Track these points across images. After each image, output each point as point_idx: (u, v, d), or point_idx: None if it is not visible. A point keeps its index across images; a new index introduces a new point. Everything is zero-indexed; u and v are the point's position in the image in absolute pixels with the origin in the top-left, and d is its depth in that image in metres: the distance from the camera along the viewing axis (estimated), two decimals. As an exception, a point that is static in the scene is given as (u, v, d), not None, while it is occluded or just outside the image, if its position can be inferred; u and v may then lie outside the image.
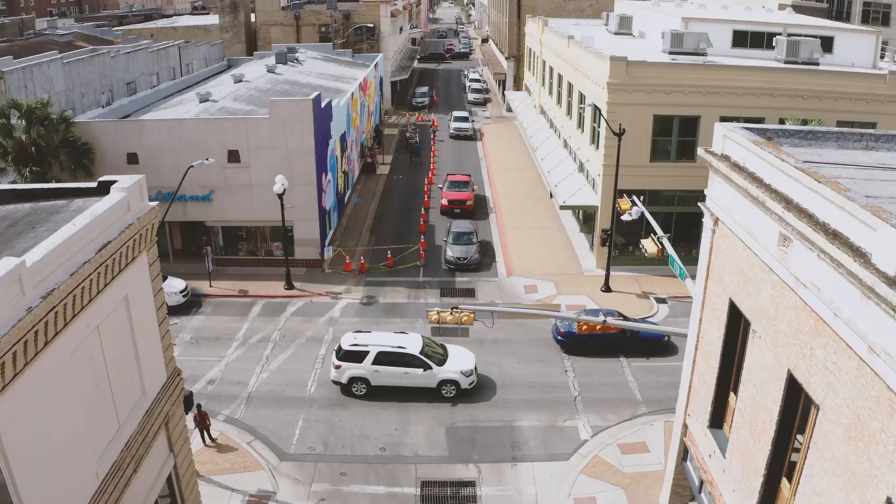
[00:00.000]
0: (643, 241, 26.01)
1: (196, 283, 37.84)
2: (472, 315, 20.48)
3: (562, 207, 38.70)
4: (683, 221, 39.12)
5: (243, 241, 39.93)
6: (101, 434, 15.58)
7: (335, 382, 28.75)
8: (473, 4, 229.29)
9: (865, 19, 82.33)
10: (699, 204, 18.18)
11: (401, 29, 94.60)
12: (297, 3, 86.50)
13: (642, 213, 27.94)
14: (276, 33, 79.43)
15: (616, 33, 55.28)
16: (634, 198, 29.88)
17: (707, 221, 17.67)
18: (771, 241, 14.25)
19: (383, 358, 28.00)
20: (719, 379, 17.54)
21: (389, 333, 29.87)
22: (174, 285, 35.91)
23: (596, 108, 37.45)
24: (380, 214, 48.23)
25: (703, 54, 43.21)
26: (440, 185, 49.20)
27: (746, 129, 16.60)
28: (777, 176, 14.10)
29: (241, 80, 51.12)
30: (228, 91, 47.45)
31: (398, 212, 48.80)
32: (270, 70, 56.14)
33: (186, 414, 22.77)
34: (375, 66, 67.17)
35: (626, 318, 30.96)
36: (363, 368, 28.06)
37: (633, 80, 35.84)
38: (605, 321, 20.50)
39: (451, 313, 20.25)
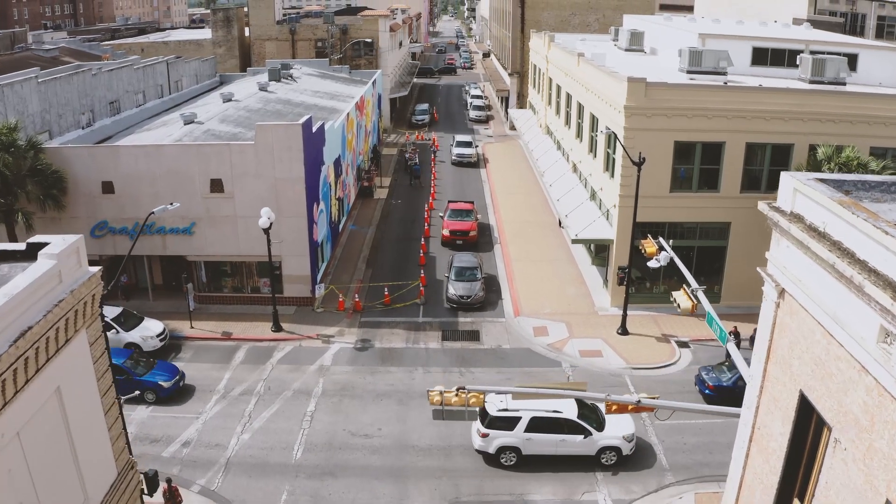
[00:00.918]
0: (675, 294, 22.91)
1: (176, 322, 34.74)
2: (481, 396, 17.37)
3: (574, 241, 35.60)
4: (705, 255, 36.14)
5: (228, 277, 36.78)
6: (23, 566, 12.50)
7: (480, 452, 25.42)
8: (474, 18, 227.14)
9: (880, 34, 79.66)
10: (758, 270, 15.05)
11: (400, 43, 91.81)
12: (293, 17, 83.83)
13: (671, 259, 24.78)
14: (271, 48, 76.64)
15: (627, 50, 52.37)
16: (661, 240, 26.75)
17: (769, 291, 14.57)
18: (867, 335, 11.15)
19: (538, 424, 24.78)
20: (782, 482, 14.41)
21: None
22: (151, 328, 32.83)
23: (612, 134, 34.42)
24: (377, 244, 45.09)
25: (724, 73, 40.33)
26: (441, 214, 46.05)
27: (822, 181, 13.53)
28: (877, 251, 11.02)
29: (230, 100, 48.14)
30: (216, 111, 44.44)
31: (396, 241, 45.67)
32: (262, 88, 53.20)
33: (151, 496, 19.73)
34: (373, 83, 64.24)
35: None
36: (514, 436, 24.82)
37: (653, 104, 32.83)
38: (639, 401, 17.42)
39: (457, 394, 17.14)
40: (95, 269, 14.57)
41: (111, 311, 33.01)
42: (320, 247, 38.13)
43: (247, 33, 79.86)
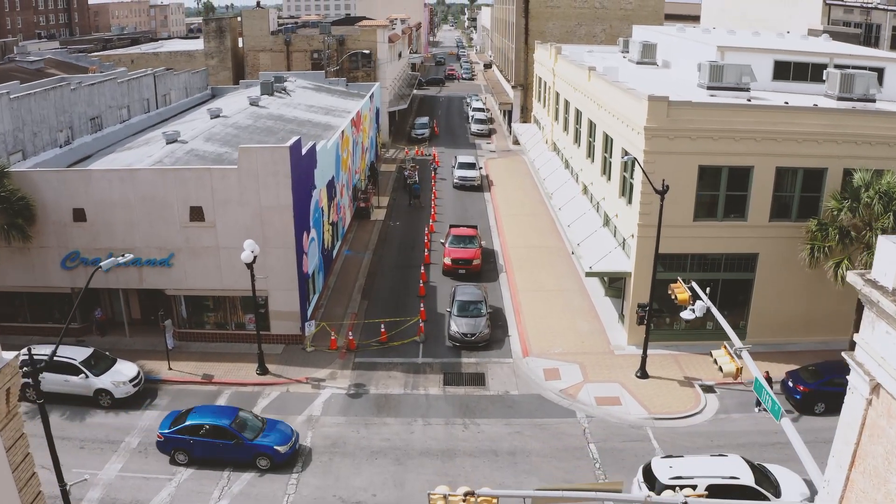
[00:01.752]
0: (715, 354, 19.90)
1: (154, 363, 31.79)
2: (493, 502, 14.37)
3: (588, 274, 32.58)
4: (730, 288, 33.14)
5: (210, 312, 33.76)
6: None
7: None
8: (475, 28, 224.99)
9: (894, 45, 77.00)
10: (843, 354, 12.05)
11: (399, 54, 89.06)
12: (289, 27, 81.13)
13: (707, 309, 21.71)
14: (265, 60, 73.85)
15: (639, 63, 49.51)
16: (695, 285, 23.67)
17: (858, 383, 11.55)
18: None
19: (715, 493, 21.65)
20: None
21: (706, 456, 23.85)
22: (124, 372, 29.79)
23: (633, 160, 31.54)
24: (373, 271, 42.01)
25: (746, 89, 37.45)
26: (442, 240, 42.98)
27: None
28: None
29: (217, 116, 45.20)
30: (202, 129, 41.50)
31: (395, 268, 42.60)
32: (253, 103, 50.27)
33: None
34: (371, 96, 61.36)
35: None
36: None
37: (676, 125, 29.90)
38: (685, 502, 14.44)
39: (465, 499, 14.14)
40: (9, 355, 11.55)
41: (80, 353, 30.07)
42: (311, 278, 35.14)
43: (240, 44, 77.07)
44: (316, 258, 36.10)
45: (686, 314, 22.56)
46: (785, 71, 40.92)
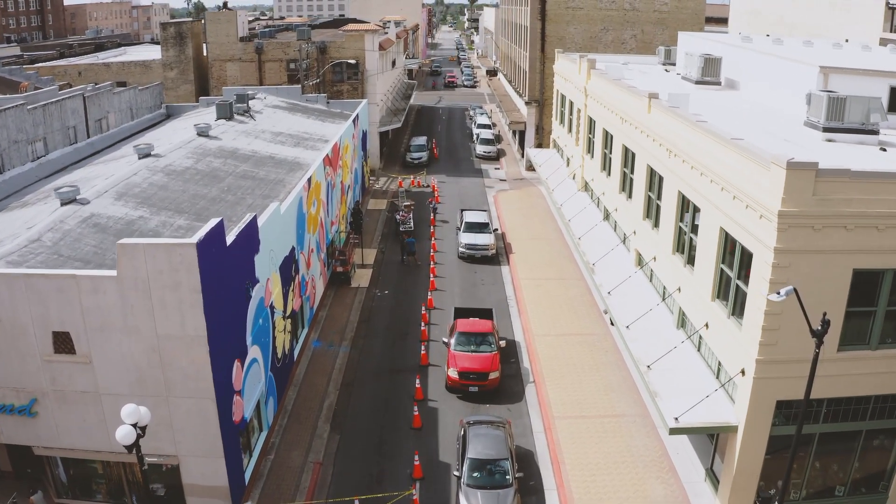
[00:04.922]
0: None
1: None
2: None
3: (672, 431, 21.13)
4: (870, 439, 21.85)
5: (100, 479, 22.46)
6: None
7: None
8: (476, 30, 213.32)
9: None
10: None
11: (393, 62, 77.52)
12: (265, 31, 69.78)
13: None
14: (233, 71, 62.46)
15: (699, 82, 38.16)
16: None
17: None
18: None
19: None
20: None
21: None
22: None
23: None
24: (350, 379, 30.27)
25: (874, 132, 26.28)
26: (445, 339, 31.08)
27: None
28: None
29: (147, 155, 33.96)
30: (119, 177, 30.23)
31: (380, 373, 30.70)
32: (202, 133, 38.92)
33: None
34: (354, 119, 49.96)
35: None
36: None
37: (826, 208, 18.53)
38: None
39: None
40: None
41: None
42: (255, 414, 23.78)
43: (206, 52, 65.62)
44: (261, 383, 24.66)
45: None
46: (900, 100, 29.86)
